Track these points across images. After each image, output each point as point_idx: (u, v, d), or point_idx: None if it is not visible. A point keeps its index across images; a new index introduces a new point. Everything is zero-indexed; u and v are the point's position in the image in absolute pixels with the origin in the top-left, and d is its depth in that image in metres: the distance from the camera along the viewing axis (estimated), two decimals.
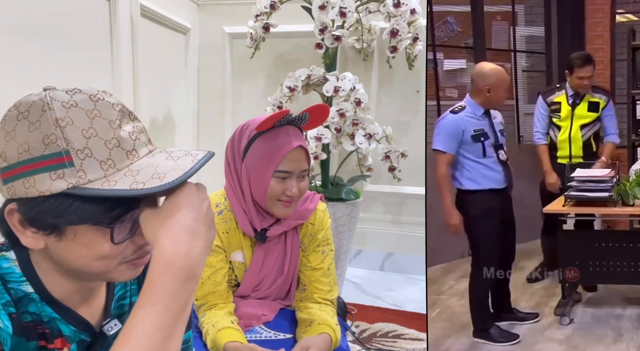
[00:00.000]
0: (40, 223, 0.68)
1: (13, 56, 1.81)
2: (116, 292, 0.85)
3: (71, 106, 0.67)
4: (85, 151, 0.66)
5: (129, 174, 0.67)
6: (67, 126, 0.66)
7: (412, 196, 2.94)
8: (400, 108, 2.97)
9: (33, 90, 0.71)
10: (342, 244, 2.54)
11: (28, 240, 0.70)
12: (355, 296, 2.68)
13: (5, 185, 0.69)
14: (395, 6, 2.34)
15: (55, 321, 0.76)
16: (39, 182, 0.66)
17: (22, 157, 0.66)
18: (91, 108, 0.68)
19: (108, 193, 0.65)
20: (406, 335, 2.28)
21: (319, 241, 1.47)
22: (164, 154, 0.71)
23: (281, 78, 2.58)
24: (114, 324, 0.82)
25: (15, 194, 0.68)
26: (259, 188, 1.34)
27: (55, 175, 0.66)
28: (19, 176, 0.67)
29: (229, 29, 3.15)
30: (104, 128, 0.68)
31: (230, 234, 1.43)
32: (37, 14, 1.93)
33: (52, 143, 0.66)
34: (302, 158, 1.35)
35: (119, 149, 0.68)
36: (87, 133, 0.67)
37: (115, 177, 0.67)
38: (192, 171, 0.67)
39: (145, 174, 0.67)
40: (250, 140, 1.34)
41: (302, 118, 1.34)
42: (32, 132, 0.66)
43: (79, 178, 0.66)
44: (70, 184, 0.66)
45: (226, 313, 1.40)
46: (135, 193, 0.65)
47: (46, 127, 0.66)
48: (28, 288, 0.75)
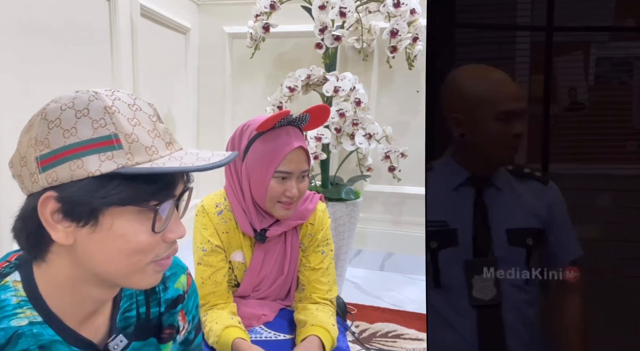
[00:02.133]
0: (77, 211, 0.68)
1: (13, 56, 1.80)
2: (121, 305, 0.84)
3: (115, 98, 0.70)
4: (132, 136, 0.69)
5: (173, 159, 0.70)
6: (115, 113, 0.69)
7: (412, 196, 2.94)
8: (400, 108, 2.97)
9: (33, 90, 0.72)
10: (342, 244, 2.54)
11: (60, 234, 0.69)
12: (355, 296, 2.68)
13: (44, 172, 0.68)
14: (395, 6, 2.34)
15: (56, 344, 0.75)
16: (88, 163, 0.67)
17: (69, 141, 0.68)
18: (132, 103, 0.72)
19: (160, 170, 0.68)
20: (406, 335, 2.28)
21: (319, 241, 1.47)
22: (195, 150, 0.74)
23: (281, 78, 2.58)
24: (119, 341, 0.81)
25: (57, 179, 0.68)
26: (259, 189, 1.34)
27: (104, 156, 0.67)
28: (65, 159, 0.67)
29: (229, 29, 3.15)
30: (146, 120, 0.72)
31: (230, 234, 1.43)
32: (37, 14, 1.93)
33: (102, 127, 0.68)
34: (303, 159, 1.35)
35: (160, 139, 0.72)
36: (132, 122, 0.70)
37: (161, 161, 0.70)
38: (231, 157, 0.71)
39: (190, 158, 0.70)
40: (250, 140, 1.34)
41: (303, 119, 1.34)
42: (80, 118, 0.68)
43: (127, 159, 0.68)
44: (119, 165, 0.68)
45: (229, 313, 1.40)
46: (186, 169, 0.68)
47: (95, 113, 0.68)
48: (20, 321, 0.73)
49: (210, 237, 1.41)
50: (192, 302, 0.93)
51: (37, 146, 0.69)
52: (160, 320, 0.87)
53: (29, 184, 0.70)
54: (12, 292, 0.73)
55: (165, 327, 0.88)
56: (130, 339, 0.83)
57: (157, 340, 0.87)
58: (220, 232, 1.42)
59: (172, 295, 0.89)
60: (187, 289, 0.91)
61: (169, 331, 0.88)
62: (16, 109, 1.78)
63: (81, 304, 0.76)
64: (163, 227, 0.72)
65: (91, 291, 0.76)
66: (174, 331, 0.90)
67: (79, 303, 0.76)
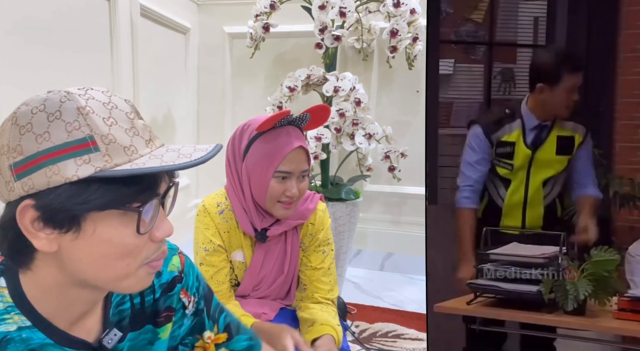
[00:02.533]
0: (58, 218, 0.66)
1: (13, 55, 1.81)
2: (113, 299, 0.82)
3: (88, 98, 0.67)
4: (109, 137, 0.66)
5: (153, 157, 0.67)
6: (89, 113, 0.66)
7: (412, 196, 2.94)
8: (400, 108, 2.97)
9: (33, 89, 0.71)
10: (342, 244, 2.54)
11: (42, 242, 0.67)
12: (355, 296, 2.68)
13: (19, 180, 0.65)
14: (395, 6, 2.34)
15: (47, 347, 0.73)
16: (64, 168, 0.64)
17: (43, 147, 0.65)
18: (107, 101, 0.68)
19: (140, 171, 0.65)
20: (406, 335, 2.28)
21: (320, 241, 1.47)
22: (177, 146, 0.72)
23: (281, 78, 2.58)
24: (113, 334, 0.80)
25: (34, 187, 0.65)
26: (259, 188, 1.34)
27: (80, 160, 0.65)
28: (40, 165, 0.64)
29: (229, 29, 3.15)
30: (122, 118, 0.68)
31: (231, 233, 1.43)
32: (36, 14, 1.93)
33: (76, 130, 0.65)
34: (303, 159, 1.35)
35: (139, 138, 0.69)
36: (108, 121, 0.67)
37: (140, 160, 0.67)
38: (213, 151, 0.69)
39: (171, 156, 0.68)
40: (250, 140, 1.34)
41: (303, 119, 1.34)
42: (53, 122, 0.65)
43: (105, 162, 0.65)
44: (97, 168, 0.65)
45: (235, 305, 1.40)
46: (168, 167, 0.66)
47: (68, 115, 0.65)
48: (8, 327, 0.70)
49: (213, 237, 1.40)
50: (191, 278, 0.91)
51: (10, 153, 0.66)
52: (156, 306, 0.86)
53: (5, 192, 0.67)
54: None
55: (162, 311, 0.87)
56: (125, 331, 0.81)
57: (153, 325, 0.86)
58: (221, 231, 1.42)
59: (166, 279, 0.87)
60: (182, 269, 0.90)
61: (165, 314, 0.87)
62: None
63: (71, 306, 0.74)
64: (149, 227, 0.70)
65: (81, 294, 0.74)
66: (173, 312, 0.88)
67: (69, 306, 0.74)
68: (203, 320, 0.94)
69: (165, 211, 0.74)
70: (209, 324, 0.95)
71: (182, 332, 0.92)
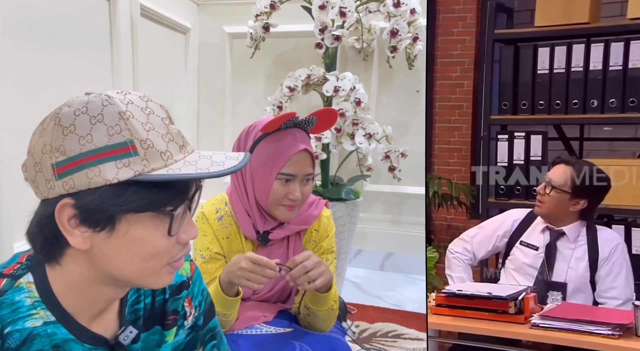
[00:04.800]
0: (95, 218, 0.68)
1: (13, 55, 1.81)
2: (129, 297, 0.85)
3: (128, 102, 0.70)
4: (147, 142, 0.69)
5: (187, 164, 0.71)
6: (130, 118, 0.69)
7: (412, 195, 2.94)
8: (400, 108, 2.97)
9: (33, 89, 0.71)
10: (342, 244, 2.54)
11: (77, 240, 0.70)
12: (355, 296, 2.68)
13: (60, 179, 0.68)
14: (395, 6, 2.34)
15: (69, 342, 0.76)
16: (105, 171, 0.67)
17: (85, 148, 0.68)
18: (144, 106, 0.71)
19: (177, 177, 0.69)
20: (406, 335, 2.28)
21: (324, 249, 1.45)
22: (208, 152, 0.75)
23: (281, 78, 2.58)
24: (129, 332, 0.82)
25: (74, 186, 0.68)
26: (262, 190, 1.34)
27: (121, 163, 0.68)
28: (82, 167, 0.67)
29: (229, 29, 3.15)
30: (159, 124, 0.71)
31: (231, 239, 1.41)
32: (37, 14, 1.93)
33: (117, 134, 0.68)
34: (307, 162, 1.33)
35: (174, 143, 0.72)
36: (146, 126, 0.70)
37: (176, 166, 0.70)
38: (245, 160, 0.73)
39: (204, 163, 0.71)
40: (255, 141, 1.33)
41: (310, 121, 1.33)
42: (95, 124, 0.68)
43: (143, 166, 0.68)
44: (136, 171, 0.68)
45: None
46: (202, 175, 0.69)
47: (110, 119, 0.68)
48: (34, 322, 0.73)
49: (210, 244, 1.39)
50: (197, 288, 0.93)
51: (52, 153, 0.69)
52: (165, 307, 0.88)
53: (44, 190, 0.70)
54: (26, 293, 0.74)
55: (169, 313, 0.89)
56: (139, 330, 0.84)
57: (162, 327, 0.88)
58: (220, 238, 1.40)
59: (176, 281, 0.89)
60: (191, 275, 0.92)
61: (172, 317, 0.89)
62: (16, 110, 1.78)
63: (94, 302, 0.78)
64: (177, 230, 0.73)
65: (104, 291, 0.77)
66: (178, 316, 0.90)
67: (92, 302, 0.77)
68: (197, 339, 0.96)
69: (191, 214, 0.77)
70: (198, 345, 0.96)
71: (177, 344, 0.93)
